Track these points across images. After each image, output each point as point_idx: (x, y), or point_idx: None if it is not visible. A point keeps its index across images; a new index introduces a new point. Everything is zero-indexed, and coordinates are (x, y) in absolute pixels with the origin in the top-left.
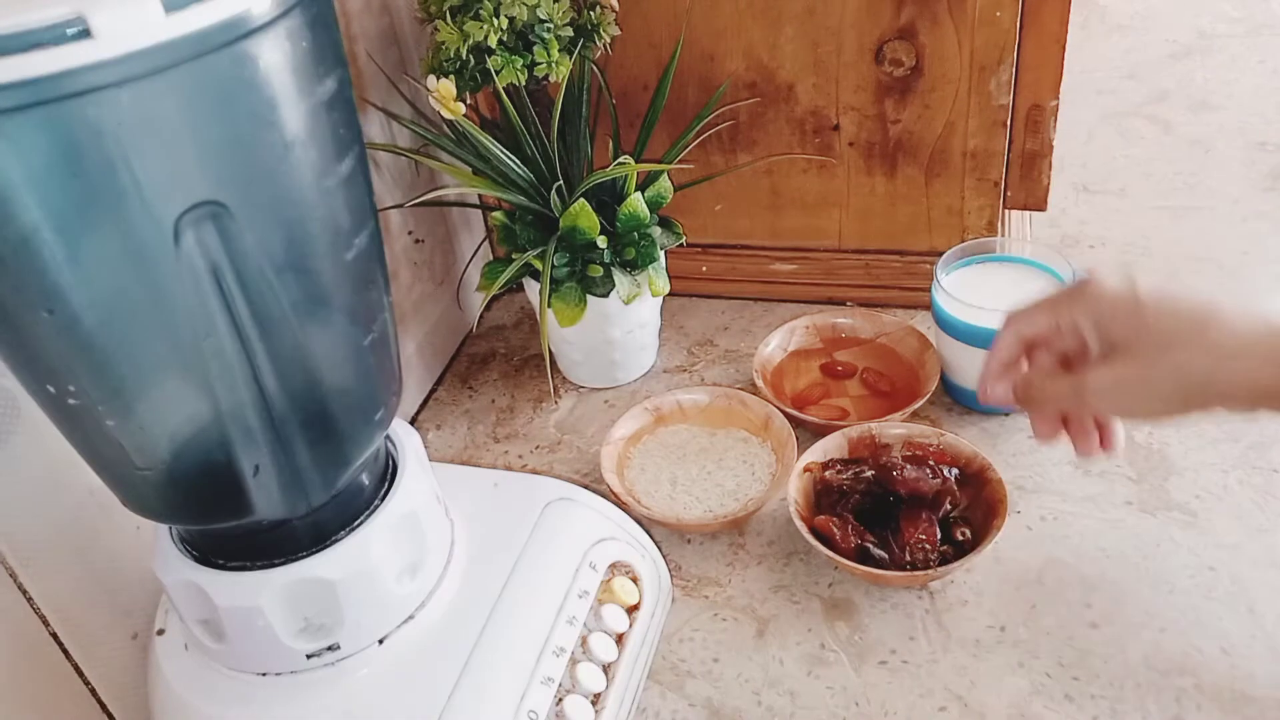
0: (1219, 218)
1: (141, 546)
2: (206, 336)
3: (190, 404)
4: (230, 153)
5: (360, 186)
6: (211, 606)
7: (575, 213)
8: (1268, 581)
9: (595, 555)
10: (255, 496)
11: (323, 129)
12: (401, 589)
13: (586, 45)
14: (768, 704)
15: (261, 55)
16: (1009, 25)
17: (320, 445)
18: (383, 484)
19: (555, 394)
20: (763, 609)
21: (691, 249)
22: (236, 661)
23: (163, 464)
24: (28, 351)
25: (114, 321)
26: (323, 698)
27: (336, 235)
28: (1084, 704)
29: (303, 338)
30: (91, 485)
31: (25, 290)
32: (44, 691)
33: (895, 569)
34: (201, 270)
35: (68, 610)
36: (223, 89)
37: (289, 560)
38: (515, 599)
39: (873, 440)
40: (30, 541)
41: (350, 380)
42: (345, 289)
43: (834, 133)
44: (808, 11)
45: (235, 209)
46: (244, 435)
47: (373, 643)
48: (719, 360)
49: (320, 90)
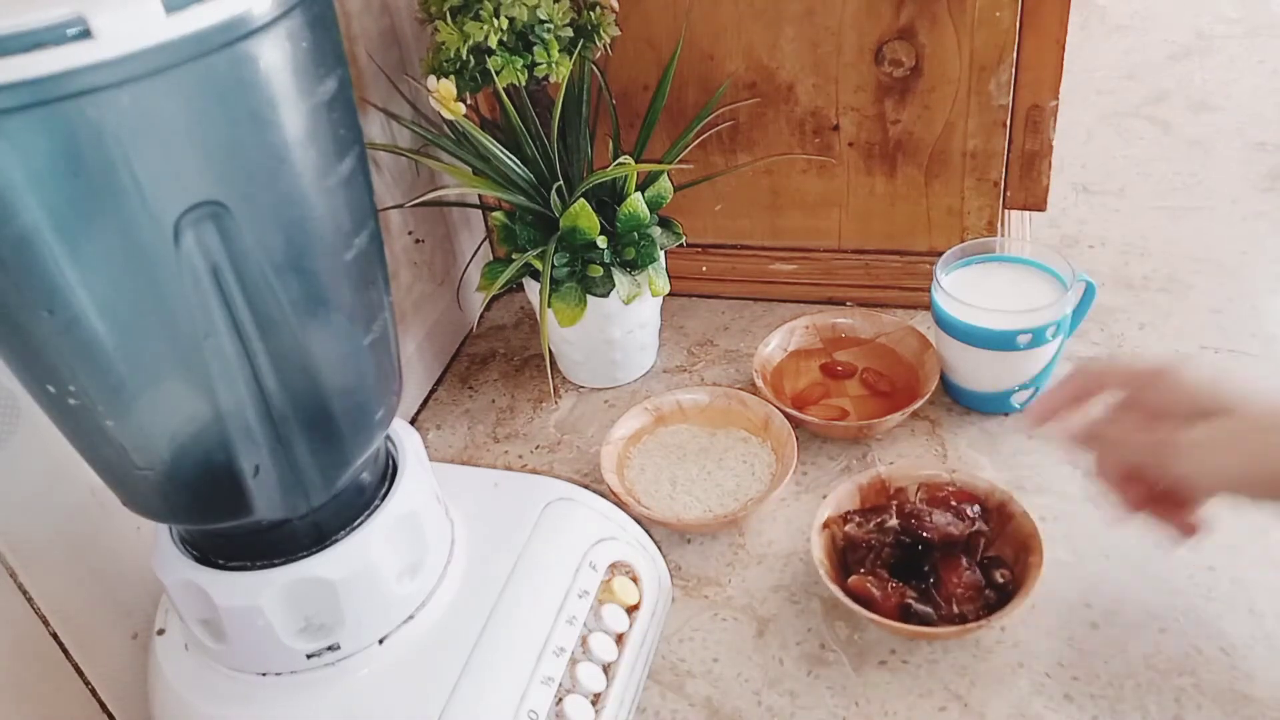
0: (1218, 218)
1: (142, 546)
2: (207, 336)
3: (190, 404)
4: (231, 153)
5: (360, 186)
6: (212, 606)
7: (575, 213)
8: (1267, 581)
9: (595, 555)
10: (255, 496)
11: (323, 129)
12: (402, 589)
13: (586, 46)
14: (767, 704)
15: (262, 56)
16: (1008, 25)
17: (320, 445)
18: (383, 484)
19: (555, 394)
20: (763, 609)
21: (691, 249)
22: (237, 661)
23: (163, 464)
24: (28, 351)
25: (114, 322)
26: (323, 698)
27: (336, 235)
28: (1084, 704)
29: (303, 338)
30: (92, 485)
31: (26, 290)
32: (44, 691)
33: (943, 623)
34: (202, 270)
35: (68, 610)
36: (223, 89)
37: (289, 560)
38: (515, 599)
39: (884, 486)
40: (31, 541)
41: (350, 380)
42: (345, 289)
43: (834, 133)
44: (807, 12)
45: (235, 209)
46: (244, 435)
47: (373, 642)
48: (719, 360)
49: (321, 90)
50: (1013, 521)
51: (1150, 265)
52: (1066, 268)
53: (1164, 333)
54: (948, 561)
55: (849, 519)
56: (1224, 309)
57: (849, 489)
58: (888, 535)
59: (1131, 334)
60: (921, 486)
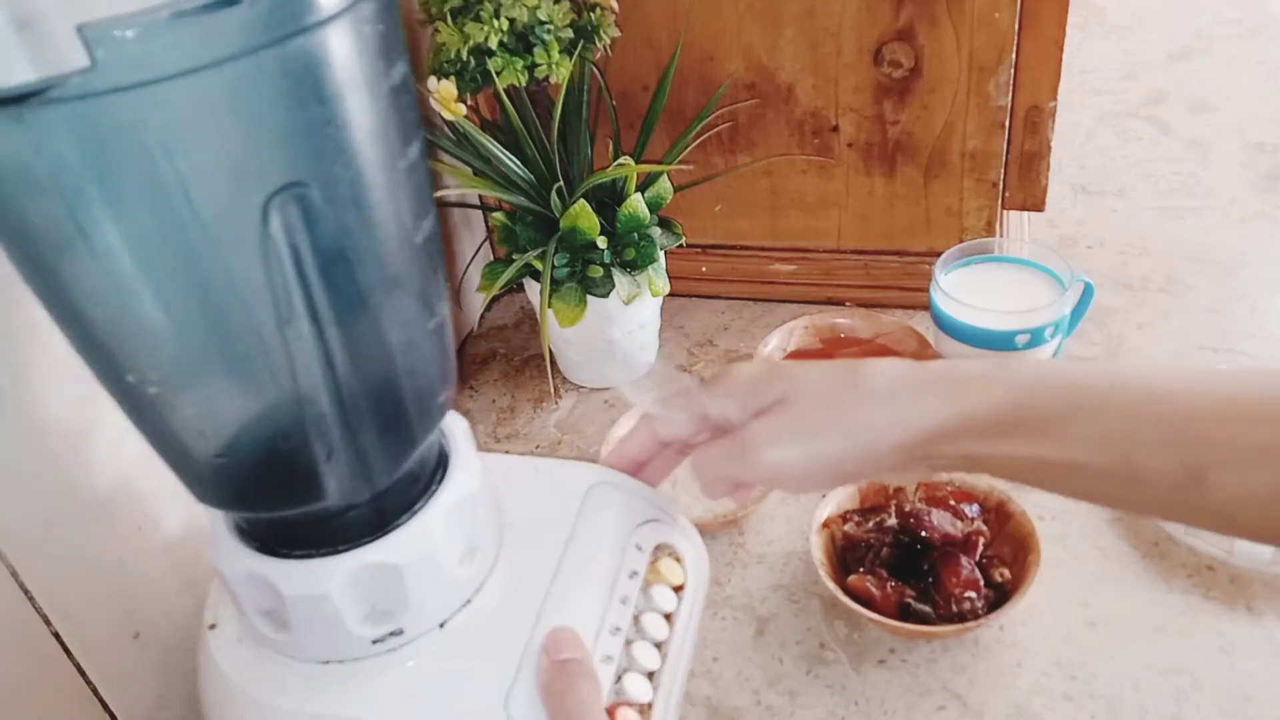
0: (1217, 218)
1: (144, 546)
2: (289, 321)
3: (270, 390)
4: (315, 135)
5: (424, 172)
6: (277, 596)
7: (575, 213)
8: (1267, 581)
9: (640, 537)
10: (327, 481)
11: (395, 113)
12: (462, 572)
13: (586, 46)
14: (767, 703)
15: (344, 39)
16: (1007, 26)
17: (388, 429)
18: (437, 469)
19: (555, 394)
20: (762, 608)
21: (691, 249)
22: (299, 651)
23: (240, 451)
24: (112, 339)
25: (203, 306)
26: (388, 683)
27: (407, 219)
28: (1082, 703)
29: (376, 321)
30: (95, 484)
31: (116, 276)
32: (45, 691)
33: (942, 622)
34: (285, 253)
35: (69, 610)
36: (308, 71)
37: (353, 546)
38: (569, 581)
39: (884, 486)
40: (31, 541)
41: (418, 363)
42: (415, 273)
43: (833, 133)
44: (807, 13)
45: (318, 191)
46: (319, 420)
47: (434, 626)
48: (719, 360)
49: (393, 74)
50: (1011, 520)
51: (1149, 265)
52: (1065, 268)
53: (1163, 333)
54: (947, 561)
55: (848, 518)
56: (1223, 309)
57: (848, 489)
58: (887, 535)
59: (1130, 334)
60: (920, 486)
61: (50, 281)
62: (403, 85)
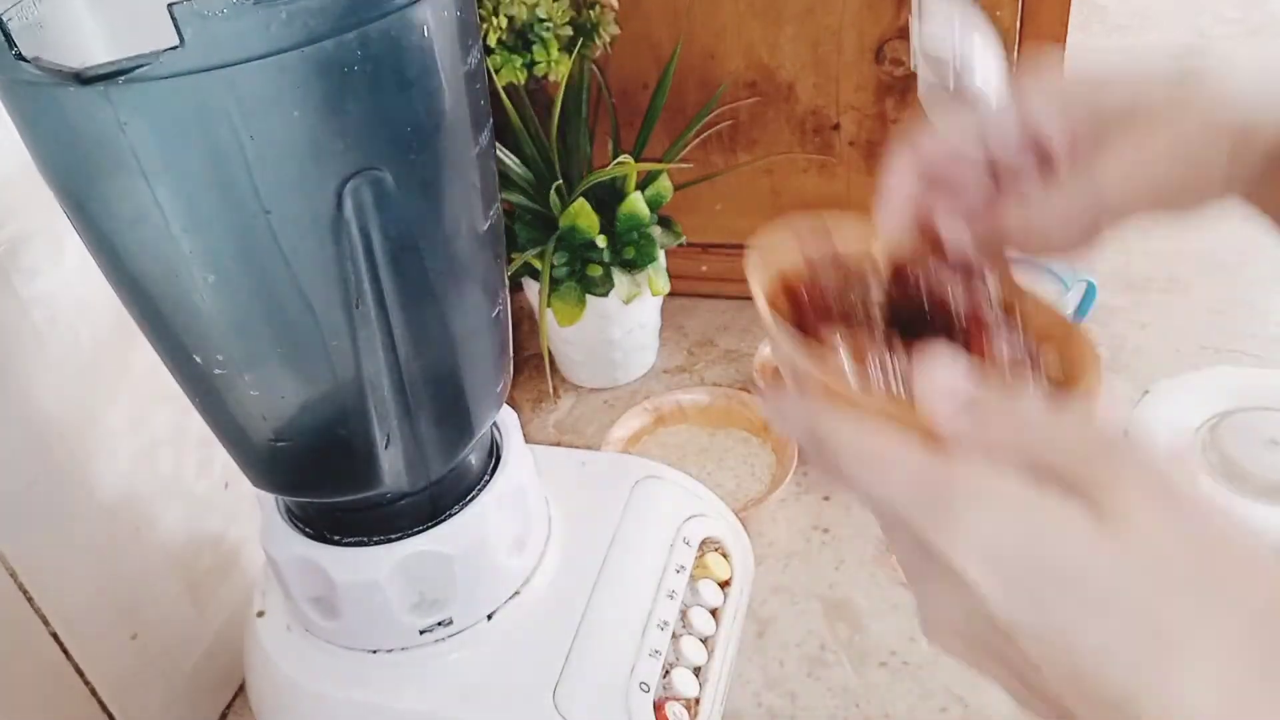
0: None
1: (143, 546)
2: (357, 305)
3: (333, 374)
4: (392, 120)
5: (493, 160)
6: (329, 583)
7: (574, 212)
8: None
9: (687, 531)
10: (383, 468)
11: (469, 99)
12: (511, 563)
13: (586, 44)
14: (767, 705)
15: (425, 24)
16: (1009, 25)
17: (446, 416)
18: (489, 459)
19: (555, 394)
20: (763, 609)
21: (691, 249)
22: (348, 639)
23: (301, 435)
24: (181, 321)
25: (272, 288)
26: (436, 673)
27: (477, 206)
28: None
29: (441, 308)
30: (94, 484)
31: (188, 255)
32: (44, 691)
33: None
34: (357, 237)
35: (68, 610)
36: (389, 56)
37: (405, 535)
38: (616, 574)
39: None
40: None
41: (478, 352)
42: (480, 261)
43: (834, 132)
44: (808, 11)
45: (392, 176)
46: (380, 406)
47: (482, 618)
48: (719, 360)
49: (470, 59)
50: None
51: (1151, 265)
52: (1067, 267)
53: (1164, 332)
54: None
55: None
56: (1224, 309)
57: None
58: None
59: (1132, 334)
60: None
61: (121, 259)
62: (477, 71)
